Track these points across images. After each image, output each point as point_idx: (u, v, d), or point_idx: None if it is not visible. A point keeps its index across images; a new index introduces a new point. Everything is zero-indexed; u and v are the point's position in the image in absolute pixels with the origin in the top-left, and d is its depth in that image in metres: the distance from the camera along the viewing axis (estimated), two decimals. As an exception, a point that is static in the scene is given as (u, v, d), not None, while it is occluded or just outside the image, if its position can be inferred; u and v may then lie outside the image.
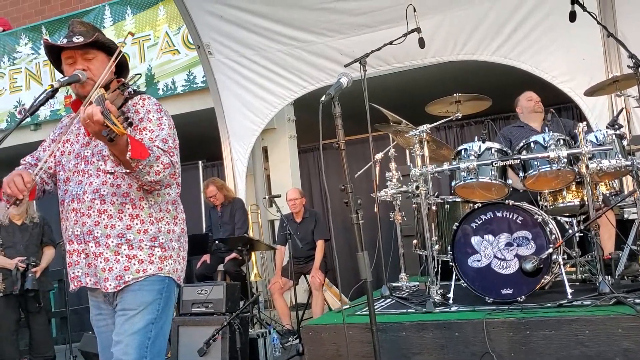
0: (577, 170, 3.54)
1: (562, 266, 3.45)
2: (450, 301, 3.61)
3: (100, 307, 2.34)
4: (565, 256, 3.71)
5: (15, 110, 8.45)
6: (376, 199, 4.37)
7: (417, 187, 3.87)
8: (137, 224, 2.21)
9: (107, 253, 2.18)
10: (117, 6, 7.93)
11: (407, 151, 4.73)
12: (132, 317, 2.17)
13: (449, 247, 3.69)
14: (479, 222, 3.60)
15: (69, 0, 10.76)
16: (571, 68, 5.21)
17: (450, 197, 4.16)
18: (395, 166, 4.51)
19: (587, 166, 3.42)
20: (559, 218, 3.95)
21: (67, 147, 2.38)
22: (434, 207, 4.02)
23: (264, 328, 5.14)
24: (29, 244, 5.20)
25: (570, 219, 3.96)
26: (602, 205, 3.79)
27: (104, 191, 2.19)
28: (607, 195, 4.01)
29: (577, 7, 4.12)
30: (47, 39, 2.35)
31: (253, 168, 7.42)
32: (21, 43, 8.52)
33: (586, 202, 3.58)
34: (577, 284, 3.86)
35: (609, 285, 3.26)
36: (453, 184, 3.86)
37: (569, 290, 3.32)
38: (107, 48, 2.32)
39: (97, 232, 2.18)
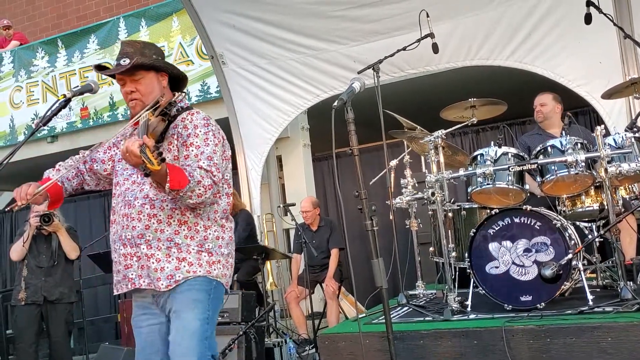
0: (595, 174, 3.48)
1: (582, 272, 3.39)
2: (468, 309, 3.57)
3: (146, 307, 2.39)
4: (585, 262, 3.64)
5: (32, 123, 8.54)
6: (391, 206, 4.34)
7: (433, 194, 3.84)
8: (184, 229, 2.30)
9: (158, 254, 2.27)
10: (132, 18, 8.00)
11: (422, 158, 4.67)
12: (186, 318, 2.26)
13: (466, 254, 3.65)
14: (497, 228, 3.56)
15: (84, 14, 10.90)
16: (587, 71, 5.14)
17: (467, 203, 4.11)
18: (411, 173, 4.48)
19: (606, 170, 3.37)
20: (578, 223, 3.88)
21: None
22: (450, 214, 3.97)
23: (280, 337, 5.11)
24: (53, 253, 5.22)
25: (589, 224, 3.89)
26: (622, 210, 3.73)
27: (154, 197, 2.28)
28: (627, 199, 3.94)
29: (592, 10, 4.07)
30: (97, 65, 2.45)
31: (267, 177, 7.42)
32: (38, 56, 8.62)
33: (606, 207, 3.52)
34: (598, 290, 3.79)
35: (631, 291, 3.20)
36: (469, 189, 3.82)
37: (589, 297, 3.26)
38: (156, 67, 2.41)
39: (149, 236, 2.27)
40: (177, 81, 2.54)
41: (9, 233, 9.49)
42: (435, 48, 4.72)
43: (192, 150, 2.28)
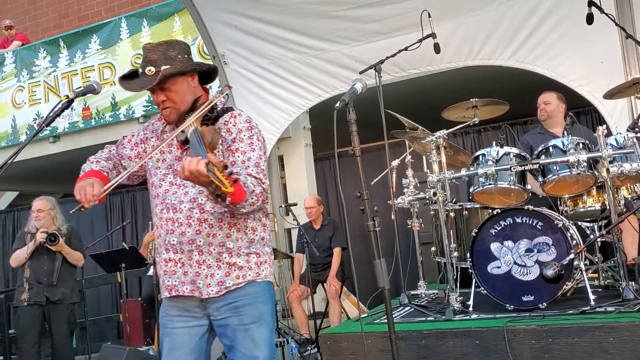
0: (597, 174, 3.48)
1: (584, 272, 3.39)
2: (470, 309, 3.57)
3: (185, 309, 2.33)
4: (587, 262, 3.64)
5: (34, 123, 8.54)
6: (393, 206, 4.34)
7: (435, 194, 3.85)
8: (234, 232, 2.27)
9: (209, 260, 2.24)
10: (134, 18, 8.00)
11: (424, 158, 4.67)
12: (258, 330, 2.29)
13: (468, 254, 3.65)
14: (499, 228, 3.56)
15: (86, 14, 10.92)
16: (589, 71, 5.13)
17: (469, 203, 4.12)
18: (412, 173, 4.48)
19: (607, 170, 3.37)
20: (579, 223, 3.88)
21: (156, 153, 2.38)
22: (452, 214, 3.97)
23: (282, 337, 5.11)
24: (54, 256, 5.21)
25: (591, 224, 3.88)
26: (624, 210, 3.72)
27: (202, 200, 2.23)
28: (629, 199, 3.94)
29: (594, 10, 4.07)
30: (120, 79, 2.32)
31: (269, 177, 7.40)
32: (40, 57, 8.62)
33: (607, 207, 3.52)
34: (600, 290, 3.78)
35: (633, 291, 3.20)
36: (471, 190, 3.82)
37: (591, 297, 3.26)
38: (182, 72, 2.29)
39: (200, 241, 2.22)
40: (207, 73, 2.45)
41: (12, 233, 9.49)
42: (437, 48, 4.72)
43: (239, 157, 2.24)
